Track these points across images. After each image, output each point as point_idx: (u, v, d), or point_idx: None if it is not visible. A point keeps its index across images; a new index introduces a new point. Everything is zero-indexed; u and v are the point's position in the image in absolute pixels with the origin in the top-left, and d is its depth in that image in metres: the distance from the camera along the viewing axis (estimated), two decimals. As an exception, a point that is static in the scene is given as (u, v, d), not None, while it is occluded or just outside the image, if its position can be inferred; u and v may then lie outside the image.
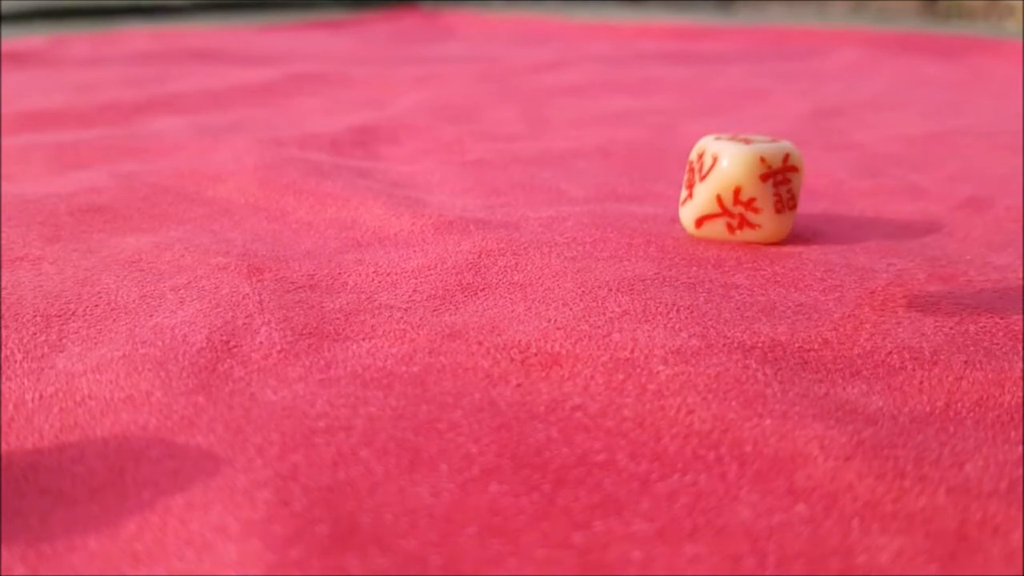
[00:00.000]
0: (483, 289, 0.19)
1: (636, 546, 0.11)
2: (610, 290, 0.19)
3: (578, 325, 0.17)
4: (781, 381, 0.15)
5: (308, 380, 0.15)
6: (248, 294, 0.19)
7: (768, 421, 0.14)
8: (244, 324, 0.18)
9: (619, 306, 0.18)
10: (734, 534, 0.11)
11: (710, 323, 0.17)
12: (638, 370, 0.16)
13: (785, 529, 0.12)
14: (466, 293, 0.19)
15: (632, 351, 0.16)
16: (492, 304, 0.18)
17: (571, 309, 0.18)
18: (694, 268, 0.20)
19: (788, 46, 0.80)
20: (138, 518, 0.12)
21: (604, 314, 0.18)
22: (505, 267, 0.20)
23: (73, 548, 0.11)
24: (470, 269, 0.20)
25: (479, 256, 0.21)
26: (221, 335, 0.17)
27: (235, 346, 0.17)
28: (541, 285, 0.19)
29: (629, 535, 0.12)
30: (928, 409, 0.14)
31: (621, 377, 0.15)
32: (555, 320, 0.17)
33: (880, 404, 0.15)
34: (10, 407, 0.15)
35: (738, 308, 0.18)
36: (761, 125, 0.39)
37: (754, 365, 0.16)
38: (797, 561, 0.11)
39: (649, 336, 0.17)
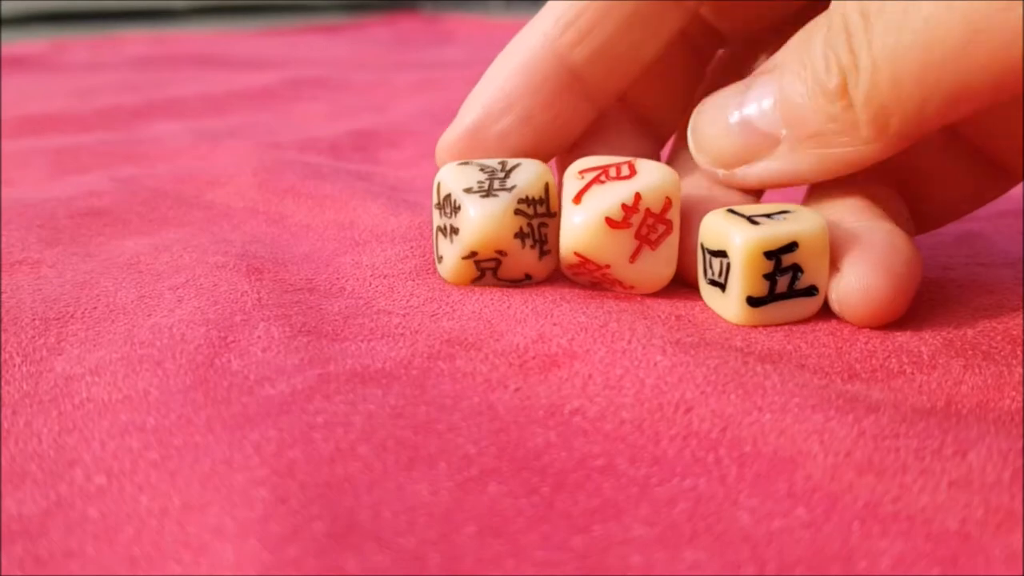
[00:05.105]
0: (478, 285, 0.19)
1: (635, 551, 0.11)
2: (606, 294, 0.19)
3: (575, 317, 0.17)
4: (780, 374, 0.15)
5: (306, 374, 0.15)
6: (247, 291, 0.19)
7: (767, 415, 0.14)
8: (242, 320, 0.18)
9: (616, 304, 0.18)
10: (734, 540, 0.11)
11: (707, 329, 0.17)
12: (636, 362, 0.15)
13: (785, 534, 0.12)
14: (462, 292, 0.19)
15: (630, 341, 0.16)
16: (488, 302, 0.18)
17: (568, 303, 0.18)
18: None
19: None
20: (136, 522, 0.12)
21: (602, 307, 0.18)
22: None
23: (71, 554, 0.11)
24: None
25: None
26: (219, 331, 0.17)
27: (233, 341, 0.17)
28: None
29: (628, 540, 0.12)
30: (928, 409, 0.14)
31: (619, 372, 0.15)
32: (552, 315, 0.17)
33: (880, 397, 0.15)
34: (9, 411, 0.15)
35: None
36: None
37: (752, 361, 0.15)
38: (797, 567, 0.11)
39: (648, 328, 0.17)
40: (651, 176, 0.18)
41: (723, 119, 0.18)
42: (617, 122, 0.21)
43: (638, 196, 0.18)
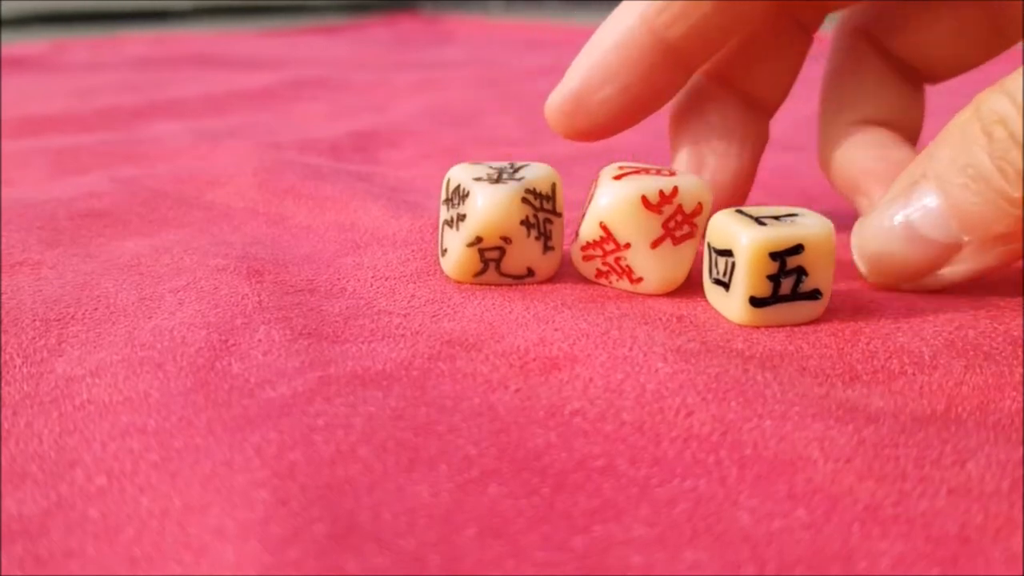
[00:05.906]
0: (480, 288, 0.19)
1: (636, 551, 0.11)
2: (608, 297, 0.19)
3: (576, 324, 0.17)
4: (780, 382, 0.15)
5: (307, 377, 0.15)
6: (247, 294, 0.19)
7: (768, 422, 0.14)
8: (243, 323, 0.18)
9: (618, 308, 0.18)
10: (734, 540, 0.11)
11: (709, 331, 0.17)
12: (637, 368, 0.15)
13: (785, 535, 0.12)
14: (464, 294, 0.19)
15: (631, 348, 0.16)
16: (489, 306, 0.18)
17: (569, 308, 0.18)
18: (690, 282, 0.20)
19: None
20: (136, 523, 0.12)
21: (603, 313, 0.18)
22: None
23: (71, 554, 0.11)
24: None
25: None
26: (219, 334, 0.17)
27: (233, 344, 0.17)
28: (538, 287, 0.19)
29: (629, 540, 0.12)
30: (929, 412, 0.14)
31: (620, 377, 0.15)
32: (553, 320, 0.17)
33: (880, 404, 0.15)
34: (9, 412, 0.15)
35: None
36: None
37: (753, 369, 0.16)
38: (797, 567, 0.11)
39: (649, 335, 0.17)
40: (689, 179, 0.19)
41: (889, 235, 0.19)
42: (721, 98, 0.22)
43: (676, 189, 0.18)
